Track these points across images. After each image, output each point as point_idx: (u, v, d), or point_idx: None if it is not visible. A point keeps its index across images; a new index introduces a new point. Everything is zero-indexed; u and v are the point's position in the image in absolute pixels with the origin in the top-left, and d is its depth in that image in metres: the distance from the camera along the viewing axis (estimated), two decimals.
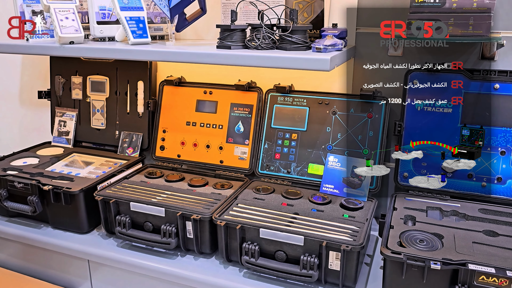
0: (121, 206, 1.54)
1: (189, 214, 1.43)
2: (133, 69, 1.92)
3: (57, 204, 1.61)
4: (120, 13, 1.54)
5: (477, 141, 1.40)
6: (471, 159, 1.38)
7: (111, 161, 1.90)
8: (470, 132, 1.40)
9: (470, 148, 1.39)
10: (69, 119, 2.06)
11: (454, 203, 1.46)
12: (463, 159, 1.38)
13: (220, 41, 1.43)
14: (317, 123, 1.66)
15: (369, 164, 1.43)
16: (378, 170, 1.42)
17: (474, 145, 1.40)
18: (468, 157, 1.38)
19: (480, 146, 1.43)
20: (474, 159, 1.39)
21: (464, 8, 1.31)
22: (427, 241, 1.24)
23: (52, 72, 2.08)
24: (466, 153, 1.37)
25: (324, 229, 1.35)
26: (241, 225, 1.36)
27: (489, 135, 1.45)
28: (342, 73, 1.69)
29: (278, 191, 1.61)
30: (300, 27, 1.38)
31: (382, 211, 1.60)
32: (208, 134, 1.81)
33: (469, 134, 1.40)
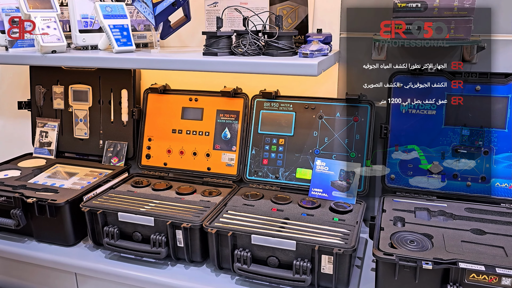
0: (108, 216, 1.51)
1: (179, 222, 1.41)
2: (116, 77, 1.89)
3: (41, 217, 1.57)
4: (104, 21, 1.52)
5: (477, 141, 1.44)
6: (471, 159, 1.42)
7: (96, 171, 1.87)
8: (470, 132, 1.43)
9: (470, 148, 1.42)
10: (50, 129, 2.02)
11: (440, 203, 1.49)
12: (463, 159, 1.42)
13: (206, 48, 1.43)
14: (304, 128, 1.67)
15: (369, 164, 1.46)
16: (379, 170, 1.47)
17: (474, 145, 1.44)
18: (468, 157, 1.42)
19: (480, 146, 1.46)
20: (474, 159, 1.43)
21: (445, 12, 1.34)
22: (417, 241, 1.26)
23: (32, 82, 2.04)
24: (466, 153, 1.41)
25: (315, 233, 1.36)
26: (232, 232, 1.35)
27: (473, 135, 1.49)
28: (327, 77, 1.70)
29: (267, 196, 1.61)
30: (286, 32, 1.39)
31: (371, 213, 1.62)
32: (195, 141, 1.80)
33: (469, 134, 1.43)
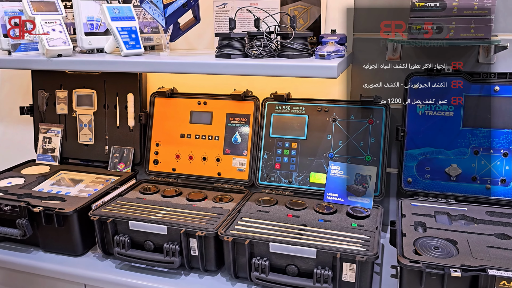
0: (119, 225, 1.46)
1: (193, 230, 1.37)
2: (122, 81, 1.85)
3: (48, 226, 1.52)
4: (111, 23, 1.48)
5: (496, 142, 1.40)
6: (490, 162, 1.40)
7: (102, 178, 1.82)
8: (489, 134, 1.40)
9: (489, 150, 1.40)
10: (54, 135, 1.96)
11: (460, 207, 1.45)
12: (482, 161, 1.39)
13: (219, 50, 1.39)
14: (317, 131, 1.63)
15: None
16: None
17: (493, 147, 1.41)
18: (487, 159, 1.39)
19: (499, 147, 1.44)
20: (493, 161, 1.40)
21: (465, 11, 1.31)
22: (442, 247, 1.22)
23: (34, 87, 1.98)
24: (485, 155, 1.38)
25: (335, 240, 1.32)
26: (250, 240, 1.31)
27: (491, 137, 1.46)
28: (339, 79, 1.66)
29: (282, 202, 1.57)
30: (302, 34, 1.35)
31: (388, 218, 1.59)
32: (204, 146, 1.75)
33: (488, 136, 1.40)
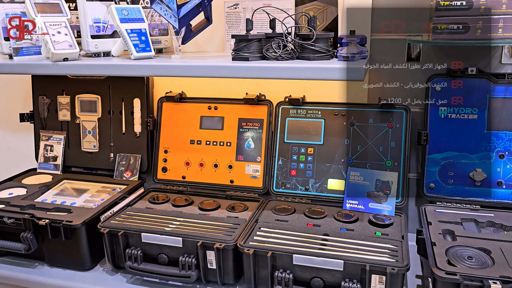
0: (130, 238, 1.39)
1: (211, 243, 1.30)
2: (128, 86, 1.77)
3: (55, 240, 1.44)
4: (120, 25, 1.41)
5: None
6: None
7: (108, 187, 1.74)
8: None
9: None
10: (56, 142, 1.88)
11: (486, 213, 1.40)
12: (508, 165, 1.32)
13: (235, 53, 1.32)
14: (334, 136, 1.57)
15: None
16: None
17: None
18: None
19: None
20: None
21: (493, 10, 1.26)
22: (476, 257, 1.17)
23: (34, 92, 1.90)
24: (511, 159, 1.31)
25: (360, 250, 1.25)
26: (272, 252, 1.24)
27: None
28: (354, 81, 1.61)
29: (300, 210, 1.50)
30: (323, 35, 1.29)
31: (411, 225, 1.53)
32: (216, 152, 1.68)
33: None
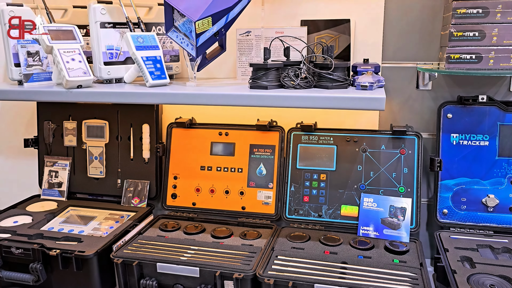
0: (145, 268, 1.36)
1: (229, 272, 1.28)
2: (137, 111, 1.76)
3: (65, 271, 1.40)
4: (136, 52, 1.41)
5: None
6: None
7: (116, 214, 1.71)
8: None
9: None
10: (61, 168, 1.85)
11: (500, 239, 1.42)
12: None
13: (253, 81, 1.33)
14: (347, 162, 1.58)
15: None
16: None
17: None
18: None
19: None
20: None
21: (504, 41, 1.29)
22: (498, 285, 1.17)
23: (40, 117, 1.87)
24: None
25: (381, 278, 1.25)
26: (293, 281, 1.23)
27: None
28: None
29: (314, 237, 1.49)
30: (341, 64, 1.31)
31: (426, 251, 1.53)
32: (227, 178, 1.67)
33: None
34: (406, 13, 1.51)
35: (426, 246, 1.61)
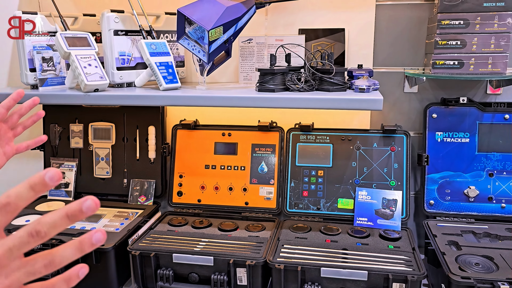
0: (161, 259, 1.46)
1: (242, 260, 1.39)
2: (143, 114, 1.85)
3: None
4: (150, 58, 1.51)
5: (508, 165, 1.62)
6: (504, 183, 1.54)
7: (125, 212, 1.79)
8: (502, 157, 1.62)
9: (502, 173, 1.62)
10: (68, 169, 1.92)
11: (481, 225, 1.58)
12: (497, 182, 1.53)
13: (261, 85, 1.45)
14: (342, 159, 1.72)
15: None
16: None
17: (506, 169, 1.62)
18: (501, 181, 1.60)
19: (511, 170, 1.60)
20: (507, 182, 1.55)
21: (483, 49, 1.46)
22: (482, 264, 1.33)
23: (46, 121, 1.94)
24: (499, 177, 1.55)
25: (379, 262, 1.39)
26: (301, 266, 1.35)
27: (504, 160, 1.61)
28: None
29: (315, 228, 1.62)
30: (340, 69, 1.45)
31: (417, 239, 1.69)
32: (230, 176, 1.79)
33: (501, 159, 1.61)
34: (395, 24, 1.67)
35: (413, 235, 1.76)
